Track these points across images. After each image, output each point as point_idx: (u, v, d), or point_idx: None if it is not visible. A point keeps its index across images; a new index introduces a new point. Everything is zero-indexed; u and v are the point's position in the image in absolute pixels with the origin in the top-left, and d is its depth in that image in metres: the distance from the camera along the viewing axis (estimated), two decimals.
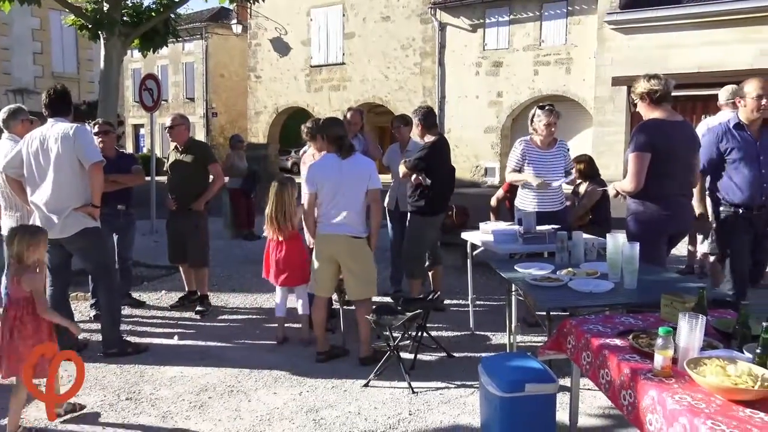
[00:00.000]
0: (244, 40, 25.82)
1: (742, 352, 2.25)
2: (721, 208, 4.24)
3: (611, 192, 4.31)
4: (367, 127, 6.25)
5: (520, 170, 4.89)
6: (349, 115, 5.96)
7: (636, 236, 3.98)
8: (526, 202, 4.93)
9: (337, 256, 4.33)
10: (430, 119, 5.32)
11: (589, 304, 3.10)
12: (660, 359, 2.16)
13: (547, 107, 4.83)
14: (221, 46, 29.00)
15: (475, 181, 19.59)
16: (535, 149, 4.86)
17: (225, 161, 10.30)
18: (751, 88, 4.08)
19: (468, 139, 19.99)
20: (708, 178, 4.33)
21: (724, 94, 5.46)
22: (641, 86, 4.05)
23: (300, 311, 4.89)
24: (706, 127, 5.14)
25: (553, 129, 4.83)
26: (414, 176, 5.16)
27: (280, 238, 4.78)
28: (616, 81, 16.79)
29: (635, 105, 4.20)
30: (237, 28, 25.31)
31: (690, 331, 2.19)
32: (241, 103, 27.29)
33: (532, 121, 4.93)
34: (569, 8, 18.06)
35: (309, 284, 4.59)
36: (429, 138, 5.25)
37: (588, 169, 6.43)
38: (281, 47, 23.95)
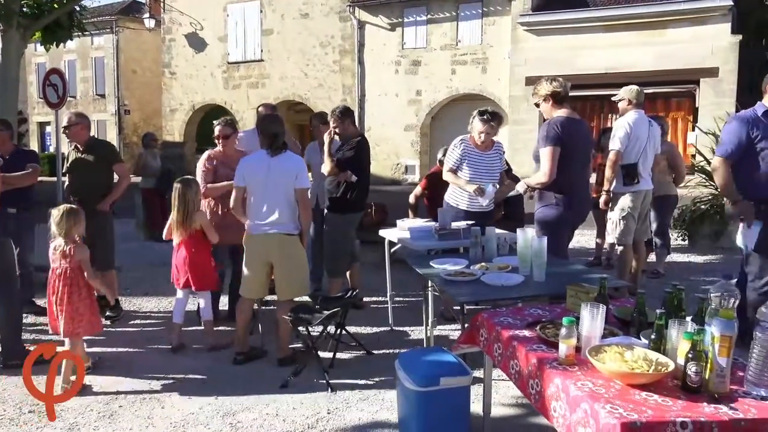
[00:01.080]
0: (158, 35, 24.95)
1: (639, 339, 2.38)
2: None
3: (521, 188, 4.46)
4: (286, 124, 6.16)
5: (457, 170, 4.83)
6: (261, 110, 5.87)
7: (546, 227, 4.19)
8: (459, 199, 4.88)
9: (269, 256, 4.25)
10: (352, 118, 5.34)
11: (500, 297, 3.19)
12: (564, 348, 2.25)
13: (486, 116, 4.73)
14: (133, 40, 27.91)
15: (396, 179, 19.77)
16: (474, 150, 4.82)
17: (137, 160, 9.93)
18: None
19: (388, 137, 20.14)
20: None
21: (626, 93, 5.54)
22: (545, 88, 4.28)
23: (204, 316, 4.70)
24: (626, 126, 5.32)
25: (488, 135, 4.76)
26: (341, 174, 5.16)
27: (184, 239, 4.61)
28: (530, 81, 17.31)
29: (537, 105, 4.39)
30: (150, 23, 24.40)
31: (591, 321, 2.29)
32: (155, 101, 26.37)
33: (471, 123, 4.94)
34: (484, 9, 18.50)
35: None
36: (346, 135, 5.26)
37: (509, 169, 6.63)
38: (197, 43, 23.32)
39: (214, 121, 5.17)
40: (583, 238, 8.50)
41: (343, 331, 4.41)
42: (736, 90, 15.26)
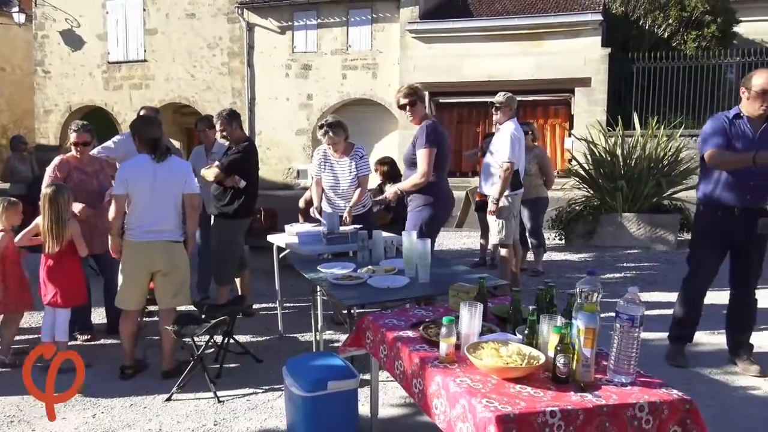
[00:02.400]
0: (29, 31, 23.26)
1: (515, 334, 2.50)
2: (701, 207, 4.10)
3: (390, 194, 4.64)
4: (164, 128, 5.93)
5: (320, 177, 5.12)
6: (142, 114, 5.63)
7: (424, 227, 4.41)
8: (328, 206, 5.11)
9: (153, 265, 4.07)
10: (238, 121, 5.24)
11: (386, 299, 3.24)
12: (444, 347, 2.32)
13: (324, 129, 4.96)
14: (1, 36, 25.86)
15: (288, 183, 19.58)
16: (331, 158, 5.10)
17: (5, 165, 9.22)
18: (760, 81, 3.74)
19: (279, 141, 19.91)
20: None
21: (506, 99, 5.66)
22: (408, 95, 4.61)
23: (58, 337, 4.27)
24: (513, 136, 5.47)
25: (335, 144, 4.99)
26: (228, 179, 5.05)
27: (54, 250, 4.25)
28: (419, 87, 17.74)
29: (403, 108, 4.59)
30: (20, 17, 22.69)
31: (470, 319, 2.38)
32: (27, 101, 24.51)
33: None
34: (374, 16, 18.74)
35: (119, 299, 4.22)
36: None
37: (391, 170, 6.75)
38: (73, 41, 21.95)
39: (70, 127, 4.84)
40: (469, 239, 8.81)
41: (231, 340, 4.32)
42: (607, 99, 16.39)
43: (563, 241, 8.35)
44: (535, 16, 17.28)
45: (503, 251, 5.69)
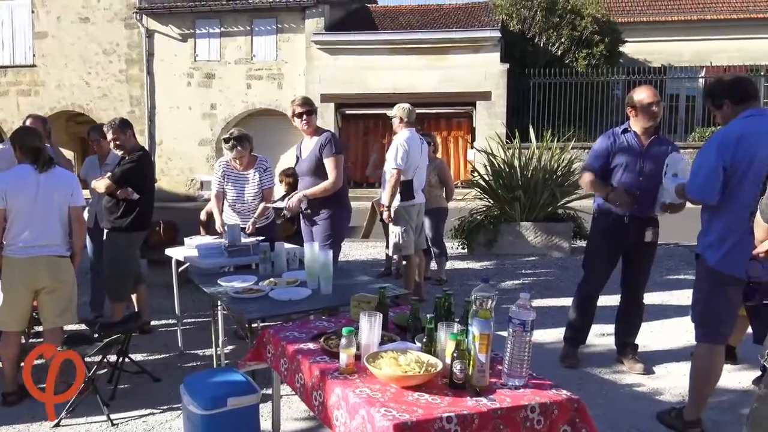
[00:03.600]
0: None
1: (414, 342, 2.54)
2: (595, 215, 4.31)
3: (294, 201, 4.66)
4: (55, 137, 5.63)
5: (223, 191, 5.05)
6: (29, 123, 5.29)
7: (332, 236, 4.48)
8: (230, 218, 5.04)
9: (36, 282, 3.82)
10: (129, 129, 5.04)
11: (287, 312, 3.21)
12: (344, 357, 2.32)
13: (230, 143, 4.90)
14: None
15: (191, 195, 19.01)
16: (233, 170, 5.04)
17: None
18: (642, 96, 3.98)
19: (182, 152, 19.32)
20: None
21: (398, 111, 5.86)
22: (305, 105, 4.77)
23: None
24: (403, 145, 5.60)
25: (242, 158, 4.96)
26: (121, 190, 4.83)
27: None
28: (325, 98, 17.79)
29: (299, 117, 4.74)
30: None
31: (369, 329, 2.39)
32: None
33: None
34: (279, 26, 18.61)
35: None
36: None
37: (296, 182, 6.69)
38: None
39: None
40: (375, 250, 8.87)
41: (126, 359, 4.12)
42: (506, 112, 17.06)
43: (466, 250, 8.57)
44: (438, 31, 17.78)
45: (406, 262, 5.80)
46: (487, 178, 8.81)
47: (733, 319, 3.31)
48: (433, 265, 7.18)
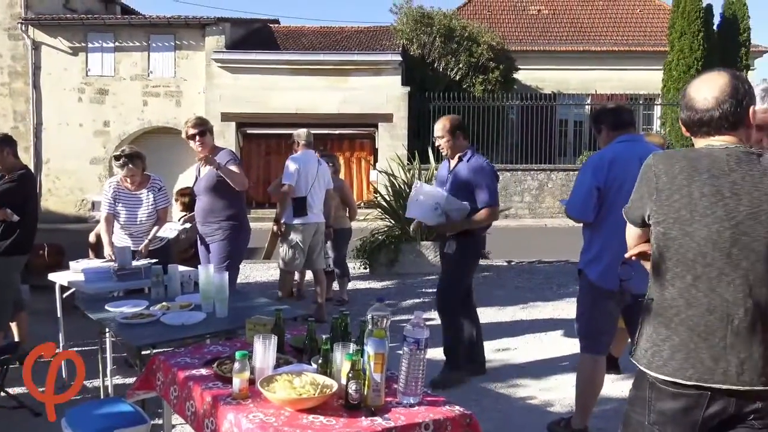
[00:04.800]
0: None
1: (311, 364, 2.52)
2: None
3: (209, 162, 4.66)
4: None
5: (114, 213, 4.85)
6: None
7: (229, 257, 4.43)
8: (121, 240, 4.86)
9: None
10: (13, 148, 4.74)
11: (180, 337, 3.09)
12: (237, 382, 2.27)
13: (122, 160, 4.77)
14: None
15: (81, 216, 18.00)
16: (124, 191, 4.87)
17: None
18: (435, 128, 4.46)
19: (71, 171, 18.31)
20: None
21: (296, 135, 6.23)
22: (197, 126, 4.76)
23: None
24: (295, 163, 5.82)
25: (133, 177, 4.82)
26: None
27: None
28: (225, 116, 17.49)
29: (192, 138, 4.73)
30: None
31: (264, 352, 2.35)
32: None
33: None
34: (177, 42, 18.14)
35: None
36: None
37: (192, 201, 6.52)
38: None
39: None
40: (276, 271, 8.74)
41: (3, 393, 3.83)
42: (408, 134, 17.42)
43: (368, 270, 8.62)
44: (340, 53, 17.96)
45: (281, 274, 6.11)
46: (389, 199, 8.94)
47: (613, 330, 3.53)
48: (335, 285, 7.18)
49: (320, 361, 2.38)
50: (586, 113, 20.13)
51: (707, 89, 1.85)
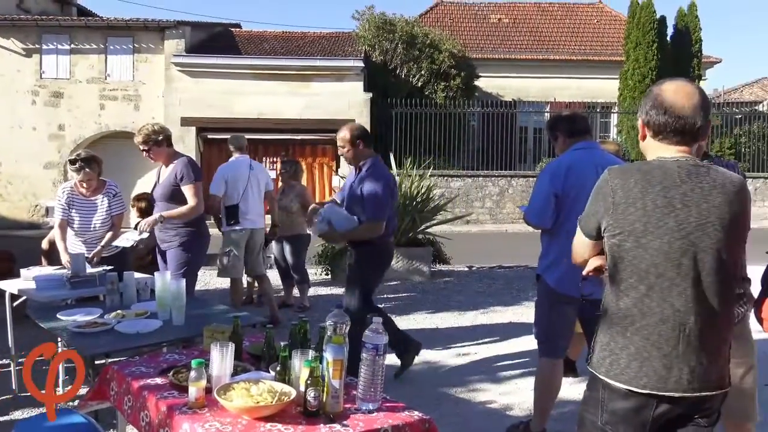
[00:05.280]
0: None
1: (269, 372, 2.50)
2: None
3: (148, 222, 4.53)
4: None
5: (68, 219, 4.72)
6: None
7: (187, 264, 4.36)
8: (75, 247, 4.74)
9: None
10: None
11: (135, 346, 3.03)
12: (193, 391, 2.23)
13: (78, 165, 4.66)
14: None
15: (35, 222, 17.51)
16: (79, 196, 4.77)
17: None
18: (337, 137, 4.34)
19: (24, 175, 17.79)
20: None
21: (231, 141, 6.34)
22: (145, 143, 4.63)
23: None
24: (223, 172, 6.01)
25: (90, 181, 4.72)
26: None
27: None
28: (186, 121, 17.25)
29: (156, 144, 4.60)
30: None
31: (221, 360, 2.32)
32: None
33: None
34: (135, 45, 17.83)
35: None
36: None
37: (149, 207, 6.40)
38: None
39: None
40: None
41: None
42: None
43: (329, 276, 8.59)
44: (302, 58, 17.91)
45: (231, 283, 6.11)
46: None
47: (570, 334, 3.58)
48: (296, 292, 7.13)
49: (278, 369, 2.36)
50: (545, 120, 20.47)
51: (685, 97, 1.87)
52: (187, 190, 4.55)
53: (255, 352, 2.74)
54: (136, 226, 6.01)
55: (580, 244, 2.11)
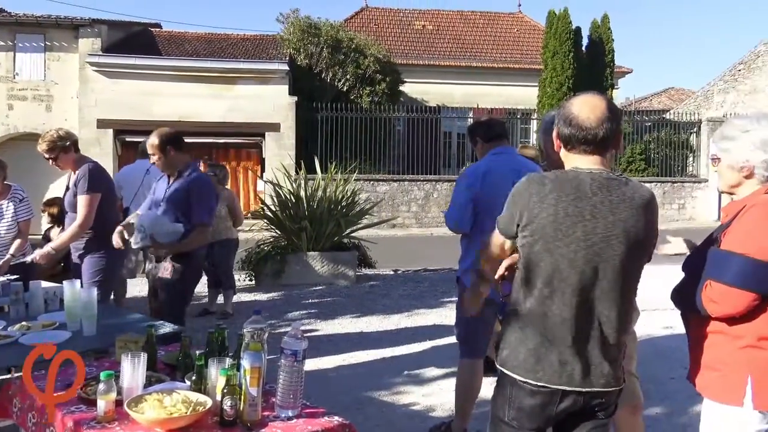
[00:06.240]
0: None
1: (185, 382, 2.42)
2: None
3: (40, 255, 4.37)
4: None
5: None
6: None
7: (102, 271, 4.20)
8: None
9: None
10: None
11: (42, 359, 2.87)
12: (102, 404, 2.14)
13: None
14: None
15: None
16: None
17: None
18: (147, 145, 4.22)
19: None
20: None
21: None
22: (48, 151, 4.34)
23: None
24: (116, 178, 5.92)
25: None
26: None
27: None
28: (102, 123, 16.61)
29: (64, 150, 4.37)
30: None
31: (132, 371, 2.24)
32: None
33: None
34: (47, 43, 17.01)
35: None
36: None
37: (60, 213, 6.13)
38: None
39: None
40: None
41: None
42: (295, 144, 17.31)
43: (254, 282, 8.46)
44: (225, 60, 17.60)
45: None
46: (274, 209, 8.83)
47: (490, 334, 3.67)
48: (220, 298, 6.98)
49: (194, 378, 2.29)
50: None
51: (590, 110, 1.96)
52: (80, 201, 4.28)
53: (170, 361, 2.66)
54: (45, 234, 5.75)
55: (496, 244, 2.19)
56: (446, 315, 6.75)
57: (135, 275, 6.01)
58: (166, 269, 3.98)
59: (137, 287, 8.32)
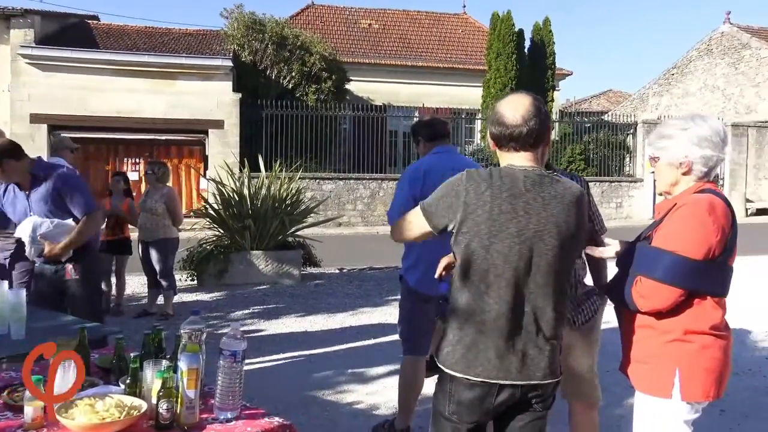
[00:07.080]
0: None
1: (119, 385, 2.35)
2: None
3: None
4: None
5: None
6: None
7: (29, 275, 4.01)
8: None
9: None
10: None
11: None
12: (30, 411, 2.05)
13: None
14: None
15: None
16: None
17: None
18: None
19: None
20: None
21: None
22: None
23: None
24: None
25: None
26: None
27: None
28: (35, 118, 15.98)
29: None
30: None
31: (62, 374, 2.15)
32: None
33: None
34: None
35: None
36: None
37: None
38: None
39: None
40: None
41: None
42: (240, 142, 17.05)
43: (195, 282, 8.29)
44: (166, 55, 17.19)
45: None
46: (217, 207, 8.68)
47: (431, 332, 3.69)
48: (160, 299, 6.82)
49: (128, 381, 2.23)
50: None
51: (514, 108, 2.03)
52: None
53: (104, 364, 2.57)
54: None
55: (417, 227, 2.19)
56: (391, 313, 6.78)
57: None
58: (68, 271, 3.85)
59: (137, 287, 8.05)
